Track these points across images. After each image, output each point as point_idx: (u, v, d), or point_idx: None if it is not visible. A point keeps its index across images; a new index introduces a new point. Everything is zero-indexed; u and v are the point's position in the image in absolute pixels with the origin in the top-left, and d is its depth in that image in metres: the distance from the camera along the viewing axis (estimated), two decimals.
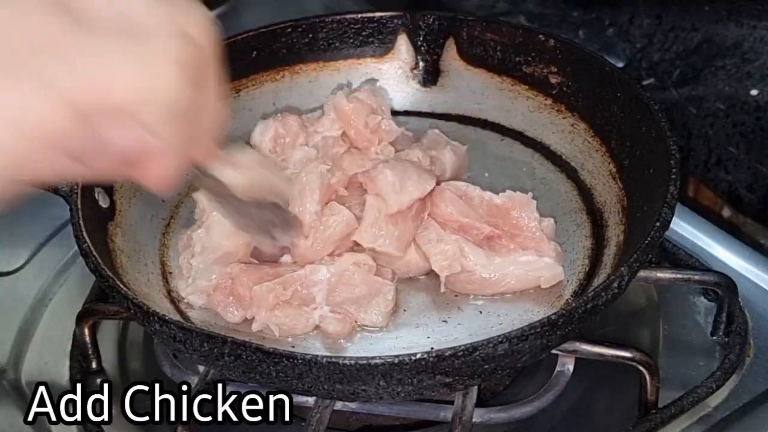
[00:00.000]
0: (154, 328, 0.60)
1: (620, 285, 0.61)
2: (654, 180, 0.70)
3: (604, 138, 0.81)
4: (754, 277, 0.81)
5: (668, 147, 0.70)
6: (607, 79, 0.80)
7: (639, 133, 0.75)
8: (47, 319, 0.82)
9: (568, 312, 0.59)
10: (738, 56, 0.95)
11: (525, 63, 0.86)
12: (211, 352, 0.58)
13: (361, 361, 0.56)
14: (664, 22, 0.99)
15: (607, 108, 0.80)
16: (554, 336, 0.59)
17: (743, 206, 0.90)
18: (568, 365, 0.69)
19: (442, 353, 0.56)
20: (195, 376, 0.70)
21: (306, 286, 0.68)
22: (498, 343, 0.56)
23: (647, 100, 0.75)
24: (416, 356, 0.56)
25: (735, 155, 0.93)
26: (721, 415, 0.69)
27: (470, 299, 0.71)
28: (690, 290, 0.80)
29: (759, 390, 0.71)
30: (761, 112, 0.92)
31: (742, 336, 0.75)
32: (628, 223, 0.73)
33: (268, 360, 0.57)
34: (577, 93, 0.83)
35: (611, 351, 0.67)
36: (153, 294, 0.71)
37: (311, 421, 0.64)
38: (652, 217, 0.65)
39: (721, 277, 0.74)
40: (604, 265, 0.72)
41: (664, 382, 0.69)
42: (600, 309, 0.61)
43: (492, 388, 0.75)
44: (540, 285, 0.70)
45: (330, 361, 0.56)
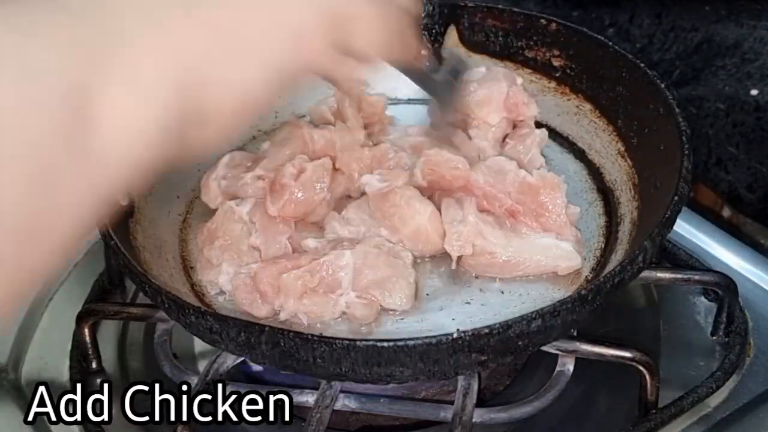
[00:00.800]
0: (190, 320, 0.60)
1: (644, 258, 0.62)
2: (666, 156, 0.71)
3: (611, 118, 0.81)
4: (754, 277, 0.81)
5: (678, 122, 0.71)
6: (611, 59, 0.80)
7: (646, 111, 0.76)
8: (47, 319, 0.82)
9: (597, 286, 0.60)
10: (738, 56, 0.95)
11: (527, 47, 0.87)
12: (248, 341, 0.59)
13: (399, 343, 0.57)
14: (664, 22, 0.99)
15: (612, 88, 0.81)
16: (584, 311, 0.60)
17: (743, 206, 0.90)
18: (568, 365, 0.69)
19: (478, 331, 0.57)
20: (195, 376, 0.70)
21: (333, 272, 0.68)
22: (532, 320, 0.58)
23: (653, 78, 0.75)
24: (453, 335, 0.57)
25: (735, 155, 0.93)
26: (721, 415, 0.69)
27: (489, 281, 0.71)
28: (690, 290, 0.80)
29: (759, 390, 0.71)
30: (761, 112, 0.92)
31: (742, 336, 0.75)
32: (641, 200, 0.74)
33: (306, 346, 0.57)
34: (581, 75, 0.84)
35: (611, 351, 0.67)
36: (178, 288, 0.71)
37: (311, 421, 0.64)
38: (668, 192, 0.66)
39: (721, 277, 0.75)
40: (620, 241, 0.72)
41: (664, 382, 0.69)
42: (626, 283, 0.62)
43: (492, 387, 0.75)
44: (558, 272, 0.70)
45: (368, 345, 0.57)
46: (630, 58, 0.79)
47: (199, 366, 0.78)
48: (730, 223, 0.90)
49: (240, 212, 0.74)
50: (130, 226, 0.72)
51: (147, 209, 0.75)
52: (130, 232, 0.72)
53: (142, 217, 0.75)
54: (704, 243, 0.84)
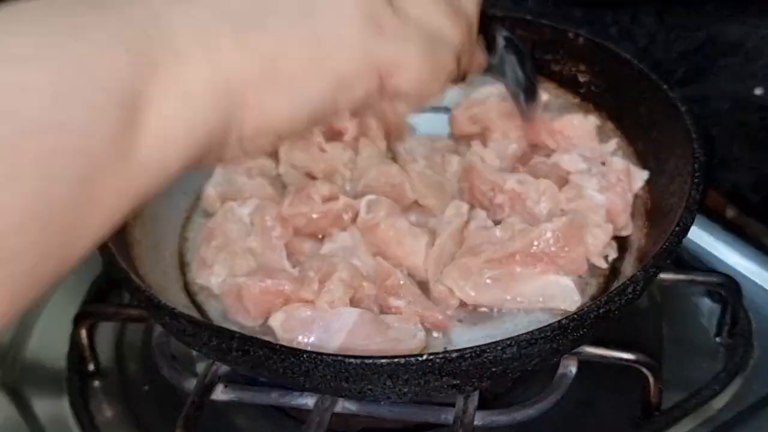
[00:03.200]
0: (165, 321, 0.60)
1: (635, 290, 0.60)
2: (678, 184, 0.69)
3: (631, 139, 0.80)
4: (758, 278, 0.81)
5: (693, 150, 0.68)
6: (635, 78, 0.78)
7: (665, 136, 0.74)
8: (44, 321, 0.81)
9: (580, 317, 0.58)
10: (741, 55, 0.94)
11: (553, 61, 0.86)
12: (220, 347, 0.58)
13: (367, 361, 0.55)
14: (667, 21, 0.99)
15: (634, 109, 0.79)
16: (565, 341, 0.58)
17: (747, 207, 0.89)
18: (571, 367, 0.69)
19: (449, 355, 0.55)
20: (193, 378, 0.70)
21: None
22: (506, 347, 0.56)
23: (673, 102, 0.73)
24: (423, 357, 0.55)
25: (739, 155, 0.93)
26: (725, 417, 0.69)
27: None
28: (694, 291, 0.80)
29: (763, 392, 0.71)
30: (765, 111, 0.92)
31: (746, 337, 0.74)
32: (649, 228, 0.72)
33: (275, 356, 0.56)
34: (605, 92, 0.83)
35: (614, 353, 0.67)
36: (169, 286, 0.71)
37: (311, 424, 0.64)
38: (672, 221, 0.64)
39: (724, 278, 0.74)
40: (625, 268, 0.71)
41: (668, 383, 0.68)
42: (613, 314, 0.59)
43: (494, 390, 0.74)
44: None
45: (336, 359, 0.56)
46: (653, 78, 0.76)
47: (197, 368, 0.77)
48: (734, 223, 0.89)
49: (241, 213, 0.73)
50: (128, 221, 0.71)
51: (151, 205, 0.74)
52: (126, 225, 0.71)
53: (144, 210, 0.74)
54: (708, 244, 0.84)
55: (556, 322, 0.57)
